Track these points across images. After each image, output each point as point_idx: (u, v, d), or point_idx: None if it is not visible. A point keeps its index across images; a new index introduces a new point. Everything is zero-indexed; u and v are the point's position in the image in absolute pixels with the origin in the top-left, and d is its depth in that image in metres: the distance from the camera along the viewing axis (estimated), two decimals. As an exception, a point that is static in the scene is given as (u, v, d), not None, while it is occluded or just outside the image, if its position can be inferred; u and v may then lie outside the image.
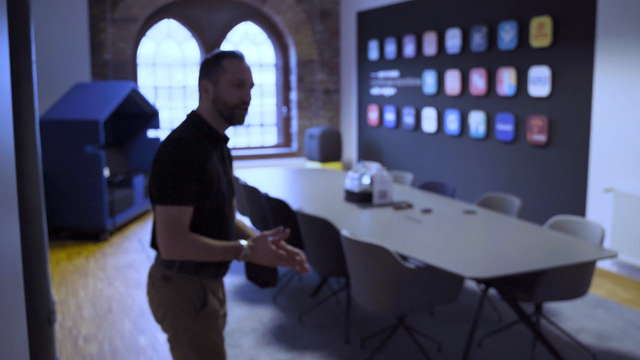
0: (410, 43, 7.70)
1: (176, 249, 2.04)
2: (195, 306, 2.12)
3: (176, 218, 2.03)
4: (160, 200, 2.04)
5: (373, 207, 4.55)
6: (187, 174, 2.03)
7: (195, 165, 2.04)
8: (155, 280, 2.16)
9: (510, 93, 6.14)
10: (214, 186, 2.11)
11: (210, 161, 2.11)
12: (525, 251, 3.43)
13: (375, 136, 8.68)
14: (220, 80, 2.13)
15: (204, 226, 2.13)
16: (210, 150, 2.13)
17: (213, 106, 2.15)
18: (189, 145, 2.06)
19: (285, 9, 9.18)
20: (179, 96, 9.19)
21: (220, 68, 2.13)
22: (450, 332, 4.08)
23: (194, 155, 2.05)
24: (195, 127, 2.15)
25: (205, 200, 2.10)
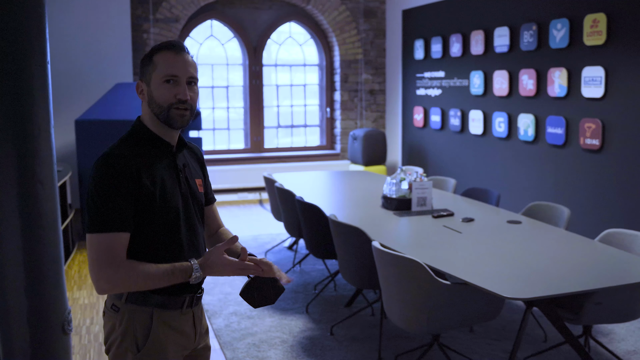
0: (456, 42, 7.41)
1: (109, 283, 1.76)
2: (138, 343, 1.85)
3: (107, 247, 1.75)
4: (89, 228, 1.78)
5: (411, 214, 4.31)
6: (116, 196, 1.76)
7: (126, 184, 1.78)
8: (106, 308, 1.92)
9: (561, 94, 5.80)
10: (157, 203, 1.83)
11: (150, 174, 1.83)
12: (573, 269, 3.15)
13: (421, 138, 8.40)
14: (152, 78, 1.87)
15: (157, 249, 1.85)
16: (153, 160, 1.87)
17: (150, 109, 1.88)
18: (118, 162, 1.79)
19: (329, 8, 8.99)
20: (221, 96, 9.10)
21: (152, 65, 1.88)
22: (491, 351, 3.82)
23: (123, 173, 1.78)
24: (134, 136, 1.90)
25: (149, 220, 1.83)
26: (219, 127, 9.15)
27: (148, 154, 1.87)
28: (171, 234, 1.87)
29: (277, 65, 9.30)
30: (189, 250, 1.92)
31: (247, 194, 8.86)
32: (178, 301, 1.90)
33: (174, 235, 1.88)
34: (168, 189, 1.87)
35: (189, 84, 1.88)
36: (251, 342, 3.99)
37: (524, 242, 3.65)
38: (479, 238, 3.75)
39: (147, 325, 1.86)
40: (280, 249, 6.22)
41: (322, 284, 5.04)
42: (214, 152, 9.00)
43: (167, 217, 1.86)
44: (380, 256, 3.20)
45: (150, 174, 1.84)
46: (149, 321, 1.86)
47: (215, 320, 4.36)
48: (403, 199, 4.43)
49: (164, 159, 1.90)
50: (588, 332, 3.44)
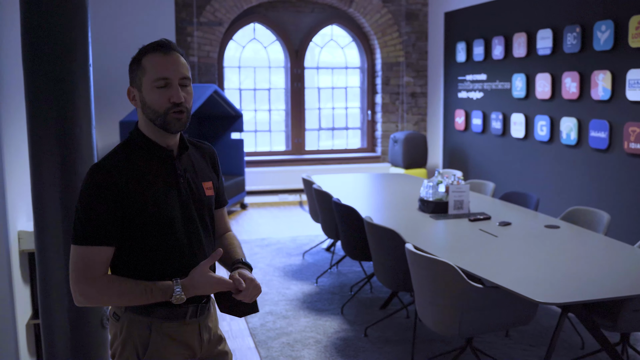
0: (498, 45, 7.33)
1: (82, 296, 1.71)
2: (138, 352, 1.82)
3: (84, 260, 1.71)
4: (72, 239, 1.74)
5: (447, 217, 4.29)
6: (98, 210, 1.72)
7: (110, 199, 1.72)
8: (109, 316, 1.91)
9: (605, 97, 5.69)
10: (149, 213, 1.77)
11: (141, 185, 1.78)
12: (610, 274, 3.09)
13: (462, 141, 8.34)
14: (143, 83, 1.78)
15: (154, 258, 1.80)
16: (147, 169, 1.81)
17: (144, 115, 1.80)
18: (103, 176, 1.73)
19: (371, 10, 9.00)
20: (264, 99, 9.19)
21: (141, 69, 1.80)
22: (526, 357, 3.77)
23: (108, 187, 1.72)
24: (130, 144, 1.84)
25: (142, 231, 1.78)
26: (260, 129, 9.24)
27: (143, 163, 1.81)
28: (167, 243, 1.81)
29: (318, 68, 9.35)
30: (189, 259, 1.85)
31: (288, 195, 8.92)
32: (180, 312, 1.85)
33: (171, 244, 1.82)
34: (162, 197, 1.81)
35: (182, 85, 1.80)
36: (285, 342, 4.03)
37: (561, 247, 3.60)
38: (515, 242, 3.71)
39: (146, 335, 1.83)
40: (318, 250, 6.25)
41: (358, 286, 5.06)
42: (255, 154, 9.10)
43: (161, 226, 1.80)
44: (413, 259, 3.20)
45: (141, 184, 1.78)
46: (147, 332, 1.83)
47: (251, 320, 4.42)
48: (440, 202, 4.41)
49: (161, 165, 1.84)
50: (626, 339, 3.37)
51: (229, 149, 8.21)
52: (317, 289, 5.05)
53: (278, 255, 6.07)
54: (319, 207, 5.15)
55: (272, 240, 6.67)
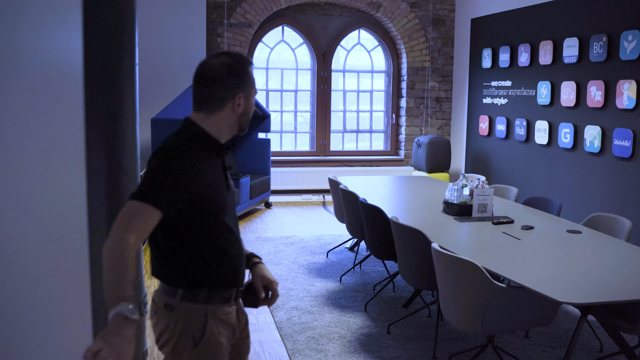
0: (524, 52, 7.41)
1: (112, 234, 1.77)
2: (195, 339, 1.96)
3: (135, 213, 1.80)
4: (132, 196, 1.84)
5: (471, 220, 4.40)
6: (173, 181, 1.86)
7: (187, 176, 1.88)
8: (158, 307, 2.01)
9: (630, 106, 5.76)
10: (215, 198, 1.97)
11: (210, 172, 1.97)
12: (630, 278, 3.19)
13: (485, 147, 8.42)
14: (251, 93, 2.02)
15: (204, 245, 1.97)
16: (211, 161, 1.99)
17: (238, 119, 2.02)
18: (185, 155, 1.90)
19: (398, 15, 9.12)
20: (290, 100, 9.34)
21: (251, 80, 2.02)
22: (545, 357, 3.87)
23: (189, 166, 1.89)
24: (193, 138, 1.98)
25: (203, 215, 1.95)
26: (286, 130, 9.39)
27: (206, 155, 1.98)
28: (224, 231, 2.01)
29: (345, 71, 9.48)
30: (239, 247, 2.07)
31: (311, 195, 9.07)
32: (227, 295, 2.03)
33: (227, 227, 2.02)
34: (220, 188, 2.00)
35: None
36: (311, 336, 4.17)
37: (583, 251, 3.69)
38: (538, 245, 3.81)
39: (203, 321, 1.96)
40: (342, 249, 6.38)
41: (381, 285, 5.18)
42: (280, 154, 9.25)
43: (219, 215, 1.99)
44: (439, 257, 3.32)
45: (209, 173, 1.96)
46: (204, 318, 1.97)
47: (277, 314, 4.56)
48: (464, 204, 4.52)
49: (217, 160, 2.02)
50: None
51: (255, 148, 8.36)
52: (341, 287, 5.18)
53: (302, 254, 6.20)
54: (345, 207, 5.28)
55: (296, 238, 6.81)
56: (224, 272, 2.02)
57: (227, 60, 1.98)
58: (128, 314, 1.67)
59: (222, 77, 1.96)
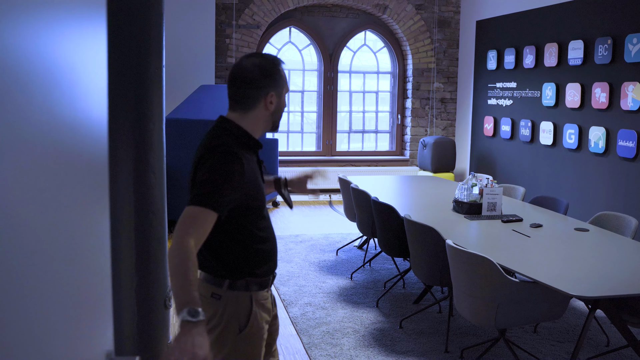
0: (529, 54, 7.54)
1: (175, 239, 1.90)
2: (240, 325, 2.10)
3: (196, 218, 1.95)
4: (192, 201, 1.97)
5: (481, 218, 4.52)
6: (228, 184, 2.00)
7: (237, 177, 2.02)
8: (204, 297, 2.10)
9: (634, 108, 5.88)
10: (257, 193, 2.12)
11: (251, 169, 2.10)
12: (637, 273, 3.31)
13: (490, 147, 8.55)
14: (282, 91, 2.15)
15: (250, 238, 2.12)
16: (249, 157, 2.13)
17: (272, 117, 2.16)
18: (234, 154, 2.04)
19: (404, 17, 9.24)
20: (297, 101, 9.46)
21: (282, 79, 2.14)
22: (554, 351, 3.99)
23: (238, 164, 2.03)
24: (235, 135, 2.12)
25: (249, 210, 2.10)
26: (293, 130, 9.51)
27: (246, 152, 2.12)
28: (264, 223, 2.18)
29: (351, 72, 9.60)
30: (274, 236, 2.25)
31: (318, 195, 9.16)
32: (267, 281, 2.19)
33: (266, 224, 2.19)
34: (259, 183, 2.16)
35: None
36: (325, 330, 4.29)
37: (591, 248, 3.81)
38: (547, 242, 3.93)
39: (248, 307, 2.11)
40: (351, 247, 6.50)
41: (392, 282, 5.29)
42: (287, 154, 9.37)
43: (261, 208, 2.16)
44: (453, 253, 3.44)
45: (250, 171, 2.09)
46: (249, 304, 2.12)
47: (292, 309, 4.67)
48: (474, 203, 4.64)
49: (253, 157, 2.17)
50: (651, 336, 3.58)
51: (263, 148, 8.44)
52: (352, 284, 5.30)
53: (312, 252, 6.32)
54: (356, 205, 5.39)
55: (305, 237, 6.93)
56: (264, 261, 2.17)
57: (258, 60, 2.12)
58: (190, 319, 1.76)
59: (254, 77, 2.10)
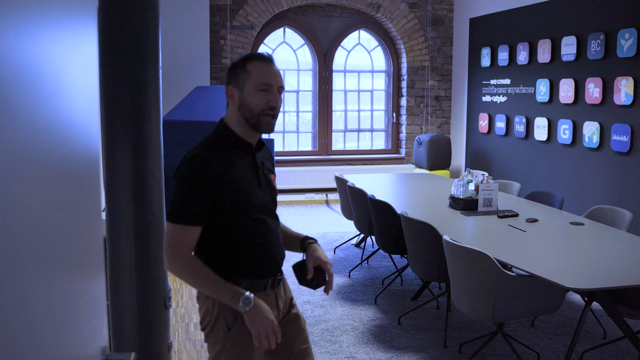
0: (523, 50, 7.58)
1: (170, 266, 2.03)
2: (228, 324, 2.10)
3: (177, 237, 2.02)
4: (168, 216, 2.05)
5: (477, 214, 4.55)
6: (195, 194, 2.01)
7: (205, 185, 2.01)
8: (200, 294, 2.18)
9: (627, 102, 5.92)
10: (242, 195, 2.07)
11: (233, 170, 2.07)
12: (632, 265, 3.35)
13: (485, 144, 8.59)
14: (246, 85, 2.08)
15: (245, 238, 2.10)
16: (234, 160, 2.08)
17: (239, 113, 2.10)
18: (201, 165, 2.02)
19: (398, 16, 9.27)
20: (292, 101, 9.48)
21: (246, 72, 2.08)
22: (551, 344, 4.03)
23: (204, 175, 2.01)
24: (218, 137, 2.11)
25: (229, 214, 2.07)
26: (288, 130, 9.54)
27: (230, 155, 2.08)
28: (248, 225, 2.11)
29: (345, 71, 9.63)
30: (273, 238, 2.18)
31: (314, 194, 9.21)
32: (262, 284, 2.15)
33: (251, 227, 2.12)
34: (248, 185, 2.09)
35: (278, 92, 2.11)
36: (324, 328, 4.31)
37: (586, 241, 3.85)
38: (543, 237, 3.97)
39: (236, 310, 2.07)
40: (348, 246, 6.53)
41: (389, 279, 5.33)
42: (283, 154, 9.39)
43: (245, 211, 2.09)
44: (450, 249, 3.47)
45: (231, 174, 2.05)
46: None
47: (291, 308, 4.70)
48: (470, 199, 4.68)
49: (245, 158, 2.12)
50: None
51: (259, 148, 8.49)
52: (350, 282, 5.33)
53: (310, 250, 6.34)
54: (353, 203, 5.42)
55: (302, 236, 6.95)
56: (256, 264, 2.15)
57: (234, 60, 2.17)
58: (246, 308, 2.01)
59: (227, 75, 2.15)
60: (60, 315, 1.08)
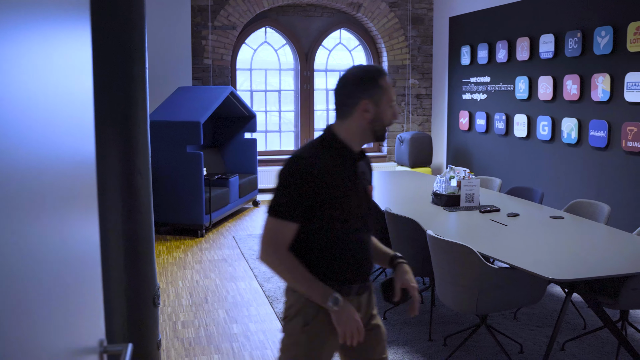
0: (502, 48, 7.69)
1: (265, 258, 2.14)
2: (305, 320, 2.17)
3: (276, 231, 2.11)
4: (268, 211, 2.13)
5: (459, 210, 4.64)
6: (298, 193, 2.09)
7: (308, 184, 2.09)
8: (287, 287, 2.25)
9: (604, 99, 6.05)
10: (337, 202, 2.14)
11: (335, 177, 2.14)
12: (611, 256, 3.44)
13: (466, 141, 8.70)
14: (382, 100, 2.17)
15: (328, 243, 2.16)
16: (338, 167, 2.16)
17: (370, 125, 2.18)
18: (307, 164, 2.10)
19: (378, 15, 9.35)
20: (274, 100, 9.53)
21: (380, 88, 2.16)
22: (533, 336, 4.12)
23: (310, 174, 2.09)
24: (325, 142, 2.20)
25: (324, 217, 2.13)
26: (271, 130, 9.58)
27: (335, 160, 2.16)
28: (348, 231, 2.17)
29: (327, 71, 9.69)
30: (363, 247, 2.22)
31: (298, 193, 9.25)
32: (347, 290, 2.18)
33: (351, 232, 2.18)
34: (347, 192, 2.16)
35: None
36: (311, 324, 4.37)
37: (566, 234, 3.94)
38: (524, 230, 4.06)
39: (317, 308, 2.15)
40: (332, 243, 6.58)
41: (374, 275, 5.39)
42: (265, 153, 9.43)
43: (342, 215, 2.15)
44: (434, 243, 3.54)
45: (333, 178, 2.13)
46: (316, 306, 2.15)
47: (277, 305, 4.75)
48: (452, 195, 4.76)
49: (348, 166, 2.19)
50: (625, 317, 3.72)
51: (242, 148, 8.54)
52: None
53: (295, 248, 6.39)
54: (337, 201, 5.48)
55: (287, 234, 7.00)
56: (343, 270, 2.18)
57: (356, 71, 2.21)
58: (336, 308, 2.10)
59: (349, 87, 2.18)
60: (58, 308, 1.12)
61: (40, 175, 0.98)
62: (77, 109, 1.26)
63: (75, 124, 1.25)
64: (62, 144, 1.14)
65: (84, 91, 1.33)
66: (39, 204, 0.97)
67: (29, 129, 0.90)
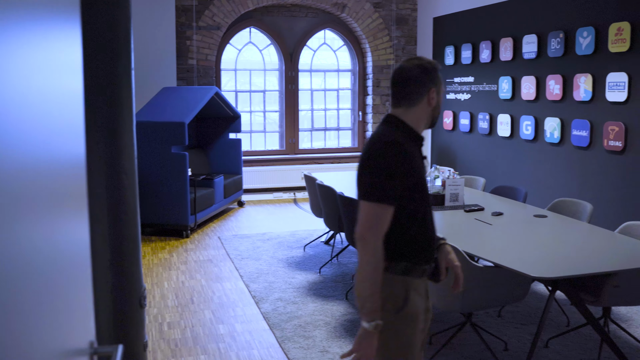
0: (486, 49, 7.75)
1: (368, 243, 2.14)
2: (397, 306, 2.22)
3: (379, 216, 2.14)
4: (367, 197, 2.15)
5: (444, 209, 4.67)
6: (396, 176, 2.15)
7: (405, 167, 2.16)
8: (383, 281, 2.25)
9: (586, 98, 6.12)
10: (422, 183, 2.24)
11: (416, 160, 2.23)
12: (594, 254, 3.48)
13: (450, 141, 8.75)
14: (440, 89, 2.32)
15: (411, 224, 2.22)
16: (415, 152, 2.25)
17: (432, 112, 2.32)
18: (401, 148, 2.17)
19: (363, 15, 9.38)
20: (259, 100, 9.52)
21: (440, 79, 2.31)
22: (518, 333, 4.16)
23: (405, 157, 2.17)
24: (401, 129, 2.27)
25: (413, 199, 2.21)
26: (256, 130, 9.57)
27: (412, 146, 2.25)
28: (427, 212, 2.28)
29: (312, 71, 9.71)
30: (434, 228, 2.34)
31: (282, 193, 9.27)
32: (422, 270, 2.27)
33: (428, 214, 2.29)
34: (423, 175, 2.28)
35: None
36: (297, 324, 4.38)
37: (549, 233, 3.99)
38: (508, 229, 4.10)
39: (402, 292, 2.21)
40: (318, 243, 6.60)
41: (360, 275, 5.41)
42: (250, 154, 9.43)
43: (425, 197, 2.26)
44: (419, 242, 3.57)
45: (417, 162, 2.24)
46: (405, 288, 2.22)
47: (263, 305, 4.76)
48: (437, 194, 4.79)
49: (418, 151, 2.30)
50: (607, 314, 3.76)
51: (227, 148, 8.53)
52: (321, 278, 5.41)
53: (280, 249, 6.41)
54: (322, 201, 5.50)
55: (272, 235, 7.02)
56: (422, 249, 2.26)
57: (418, 62, 2.30)
58: (373, 331, 2.12)
59: (417, 76, 2.27)
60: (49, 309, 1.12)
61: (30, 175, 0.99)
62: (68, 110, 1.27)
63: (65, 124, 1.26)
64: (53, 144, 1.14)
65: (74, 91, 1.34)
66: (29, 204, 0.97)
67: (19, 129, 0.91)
